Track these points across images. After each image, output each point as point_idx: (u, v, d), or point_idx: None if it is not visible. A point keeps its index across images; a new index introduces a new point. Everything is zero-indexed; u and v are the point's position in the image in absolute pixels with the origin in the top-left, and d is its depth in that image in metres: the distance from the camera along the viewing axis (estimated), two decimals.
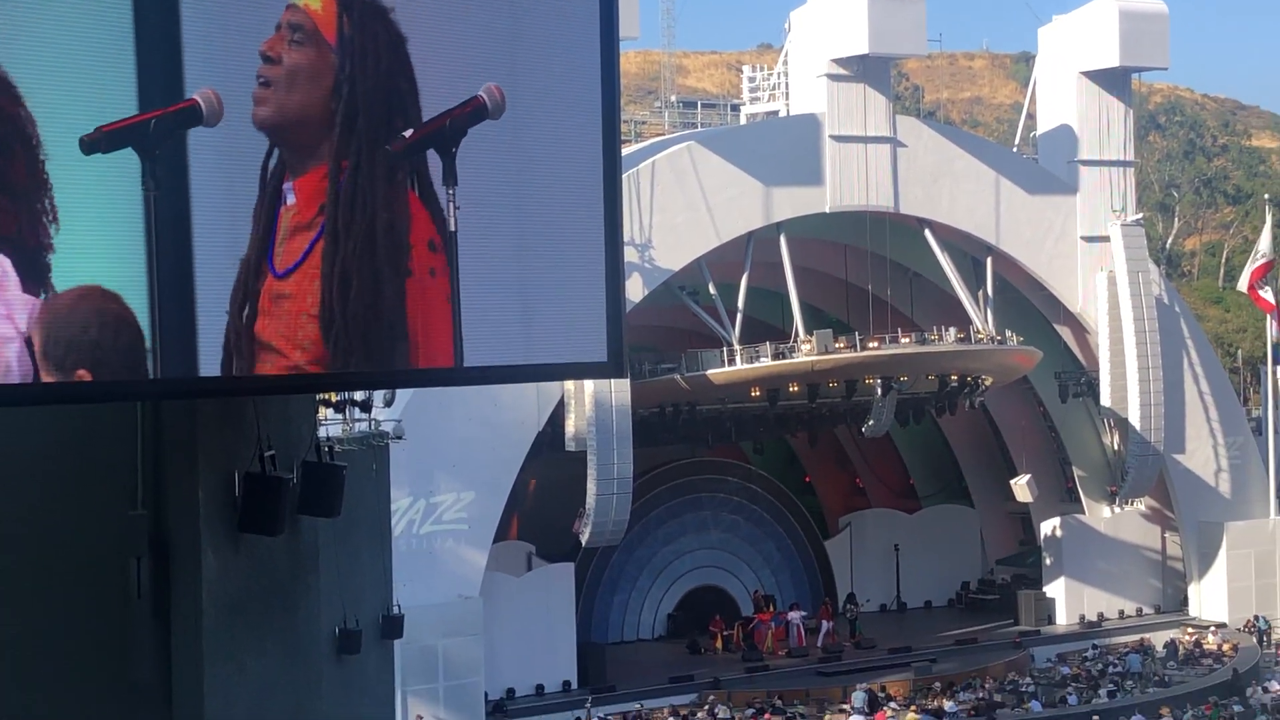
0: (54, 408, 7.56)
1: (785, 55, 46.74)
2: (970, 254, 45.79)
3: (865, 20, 41.00)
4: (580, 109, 7.89)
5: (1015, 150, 49.69)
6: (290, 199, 7.27)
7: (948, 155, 44.23)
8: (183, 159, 7.01)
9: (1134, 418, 45.17)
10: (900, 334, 41.98)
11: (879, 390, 41.13)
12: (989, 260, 45.10)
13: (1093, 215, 46.15)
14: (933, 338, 42.13)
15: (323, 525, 8.81)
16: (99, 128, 6.77)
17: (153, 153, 6.91)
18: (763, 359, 40.38)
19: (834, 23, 41.89)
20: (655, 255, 39.71)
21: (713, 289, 41.20)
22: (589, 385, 36.91)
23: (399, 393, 27.55)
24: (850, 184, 41.93)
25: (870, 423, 42.07)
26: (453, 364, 7.70)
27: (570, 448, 38.34)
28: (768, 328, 43.38)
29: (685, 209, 40.25)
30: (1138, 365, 45.02)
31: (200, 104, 6.95)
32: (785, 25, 45.32)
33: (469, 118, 7.52)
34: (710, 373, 40.26)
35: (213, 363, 7.14)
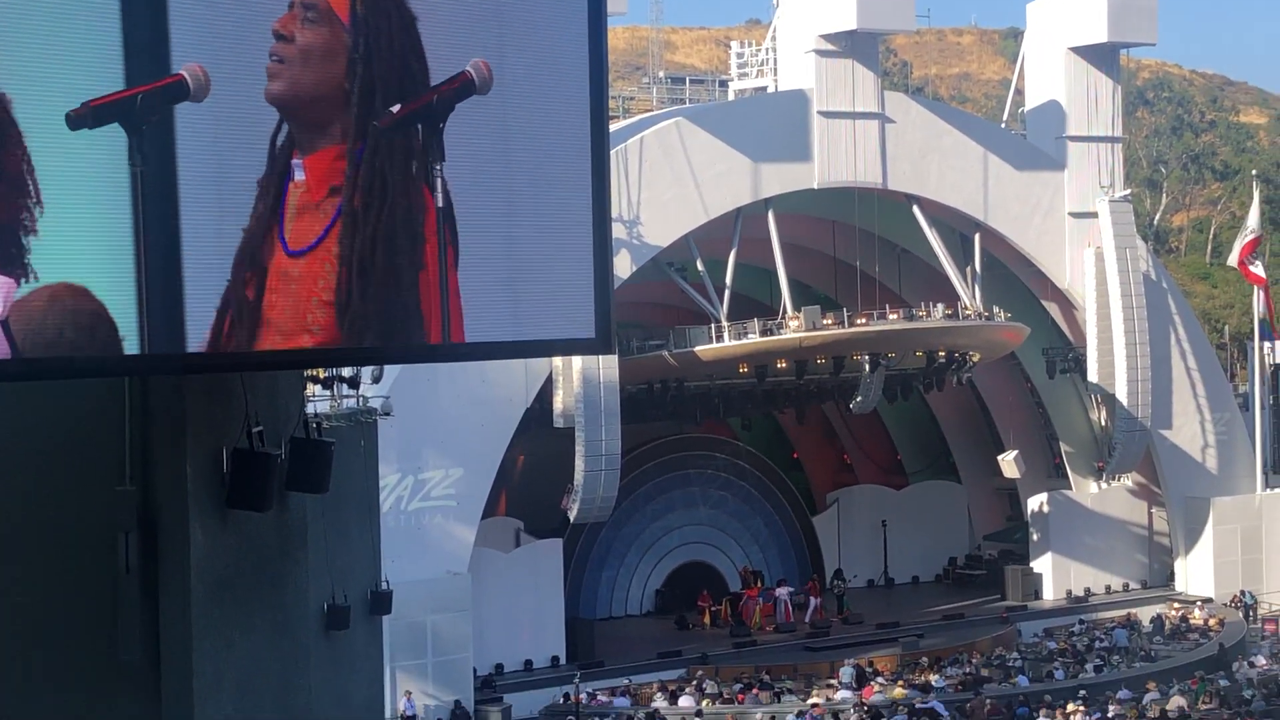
0: (42, 383, 7.55)
1: (773, 31, 46.55)
2: (958, 230, 45.75)
3: None
4: (568, 85, 7.87)
5: (1003, 126, 49.59)
6: (299, 175, 7.25)
7: (936, 131, 44.16)
8: (170, 134, 6.99)
9: (1121, 394, 45.22)
10: (888, 310, 41.92)
11: (867, 366, 41.12)
12: (977, 236, 45.05)
13: (1081, 191, 46.10)
14: (920, 314, 42.07)
15: (311, 501, 8.79)
16: (85, 103, 6.74)
17: (139, 128, 6.88)
18: (751, 335, 40.33)
19: None
20: (643, 232, 39.65)
21: (701, 265, 41.13)
22: (577, 362, 36.90)
23: (387, 369, 27.49)
24: (838, 160, 41.84)
25: (858, 399, 42.07)
26: (441, 340, 7.70)
27: (558, 424, 38.32)
28: (756, 304, 43.33)
29: (673, 185, 40.18)
30: (1125, 341, 45.04)
31: (187, 79, 6.93)
32: (773, 1, 45.19)
33: (456, 93, 7.50)
34: (698, 349, 40.24)
35: (200, 336, 7.11)
